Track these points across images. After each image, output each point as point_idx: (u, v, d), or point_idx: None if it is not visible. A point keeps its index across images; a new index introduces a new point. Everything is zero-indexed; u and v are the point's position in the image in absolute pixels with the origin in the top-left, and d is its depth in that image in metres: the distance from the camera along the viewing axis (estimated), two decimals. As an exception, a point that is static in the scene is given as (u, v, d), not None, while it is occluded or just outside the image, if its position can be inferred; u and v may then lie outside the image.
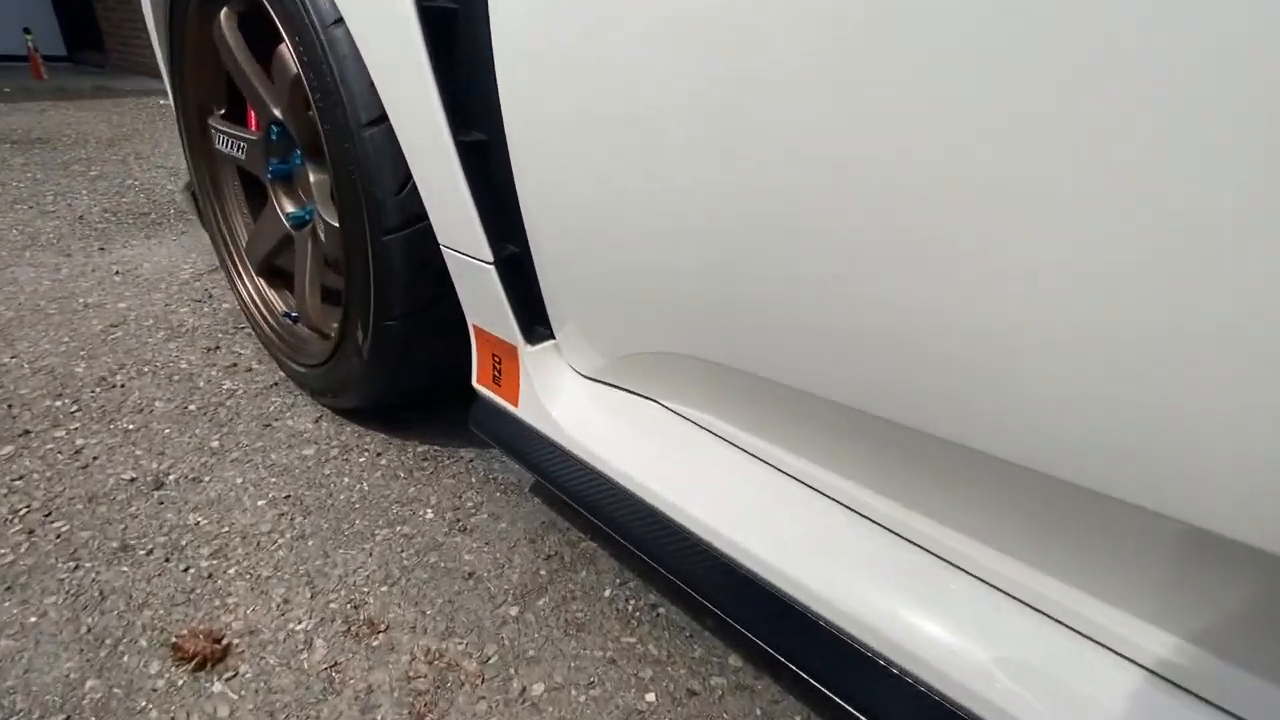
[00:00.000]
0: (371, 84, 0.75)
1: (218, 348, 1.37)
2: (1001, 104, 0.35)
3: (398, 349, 0.91)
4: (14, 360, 1.27)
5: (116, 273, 1.69)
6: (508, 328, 0.75)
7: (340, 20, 0.74)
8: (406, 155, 0.72)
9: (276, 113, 0.99)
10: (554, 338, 0.78)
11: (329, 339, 1.12)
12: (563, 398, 0.76)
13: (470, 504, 0.99)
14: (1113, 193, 0.33)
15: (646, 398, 0.73)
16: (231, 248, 1.25)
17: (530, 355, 0.76)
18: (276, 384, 1.26)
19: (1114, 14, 0.31)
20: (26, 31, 5.01)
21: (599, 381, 0.76)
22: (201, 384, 1.24)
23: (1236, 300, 0.31)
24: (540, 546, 0.92)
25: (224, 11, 0.98)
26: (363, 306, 0.88)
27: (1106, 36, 0.31)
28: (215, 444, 1.08)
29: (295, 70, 0.86)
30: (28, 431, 1.07)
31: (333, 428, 1.14)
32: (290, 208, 1.12)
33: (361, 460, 1.07)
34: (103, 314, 1.47)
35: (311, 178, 0.98)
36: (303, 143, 0.97)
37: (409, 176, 0.78)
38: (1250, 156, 0.29)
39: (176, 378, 1.25)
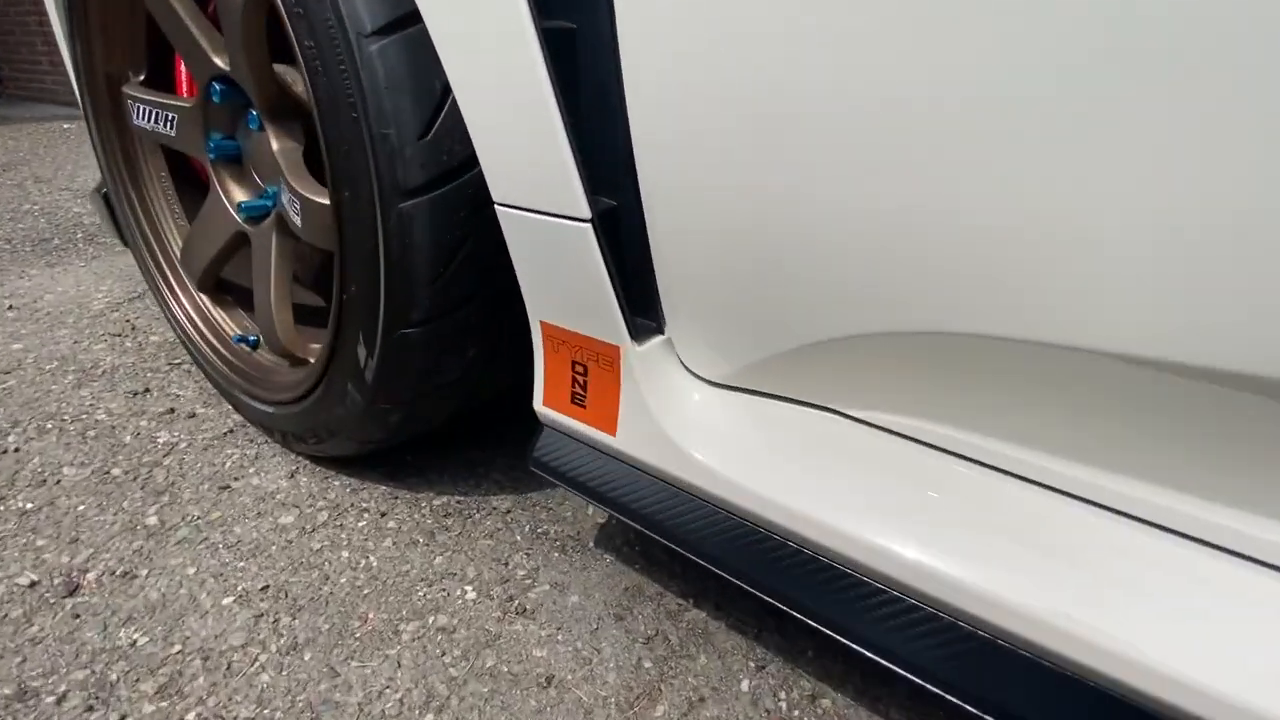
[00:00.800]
0: (378, -29, 0.50)
1: (147, 390, 1.06)
2: None
3: (418, 368, 0.66)
4: None
5: (10, 308, 1.35)
6: (606, 319, 0.51)
7: (326, -125, 0.49)
8: (449, 68, 0.48)
9: (220, 62, 0.73)
10: (663, 332, 0.54)
11: (305, 365, 0.85)
12: (692, 418, 0.52)
13: (522, 572, 0.73)
14: None
15: (823, 408, 0.50)
16: (160, 258, 0.96)
17: (639, 358, 0.52)
18: (232, 431, 0.96)
19: None
20: (-101, 57, 4.44)
21: (740, 390, 0.53)
22: (128, 439, 0.93)
23: None
24: (632, 624, 0.67)
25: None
26: (366, 311, 0.62)
27: None
28: (153, 520, 0.79)
29: (251, -22, 0.60)
30: None
31: (315, 483, 0.86)
32: (242, 195, 0.85)
33: (362, 525, 0.80)
34: (-11, 359, 1.14)
35: (275, 145, 0.72)
36: (262, 99, 0.70)
37: (440, 107, 0.54)
38: None
39: (92, 433, 0.94)
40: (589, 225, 0.47)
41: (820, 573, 0.47)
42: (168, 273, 0.95)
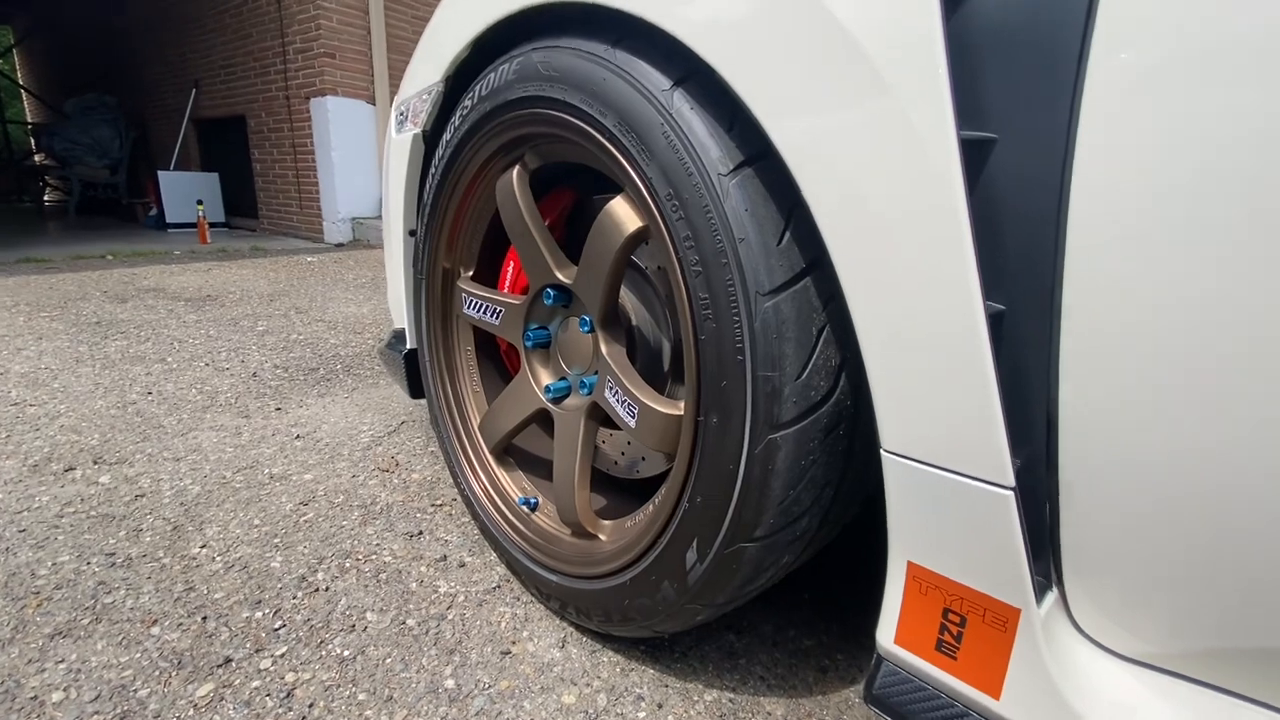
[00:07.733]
0: (780, 242, 0.57)
1: (420, 533, 1.17)
2: None
3: (744, 575, 0.67)
4: (204, 551, 1.10)
5: (297, 436, 1.58)
6: (1010, 582, 0.49)
7: (745, 165, 0.58)
8: (861, 327, 0.52)
9: (560, 275, 0.85)
10: (1055, 590, 0.51)
11: (591, 539, 0.89)
12: (1106, 698, 0.48)
13: (822, 805, 0.68)
14: None
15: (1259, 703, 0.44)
16: (458, 422, 1.09)
17: (1041, 623, 0.49)
18: (499, 586, 1.03)
19: None
20: (199, 203, 5.68)
21: (1163, 671, 0.48)
22: (414, 586, 1.02)
23: None
24: None
25: (516, 169, 0.87)
26: (708, 523, 0.66)
27: None
28: (450, 684, 0.83)
29: (635, 227, 0.71)
30: (229, 660, 0.86)
31: (585, 657, 0.88)
32: (548, 378, 0.95)
33: (642, 716, 0.79)
34: (290, 488, 1.32)
35: (604, 349, 0.81)
36: (600, 311, 0.80)
37: (814, 350, 0.58)
38: None
39: (384, 577, 1.04)
40: (1010, 493, 0.47)
41: None
42: (464, 439, 1.07)
